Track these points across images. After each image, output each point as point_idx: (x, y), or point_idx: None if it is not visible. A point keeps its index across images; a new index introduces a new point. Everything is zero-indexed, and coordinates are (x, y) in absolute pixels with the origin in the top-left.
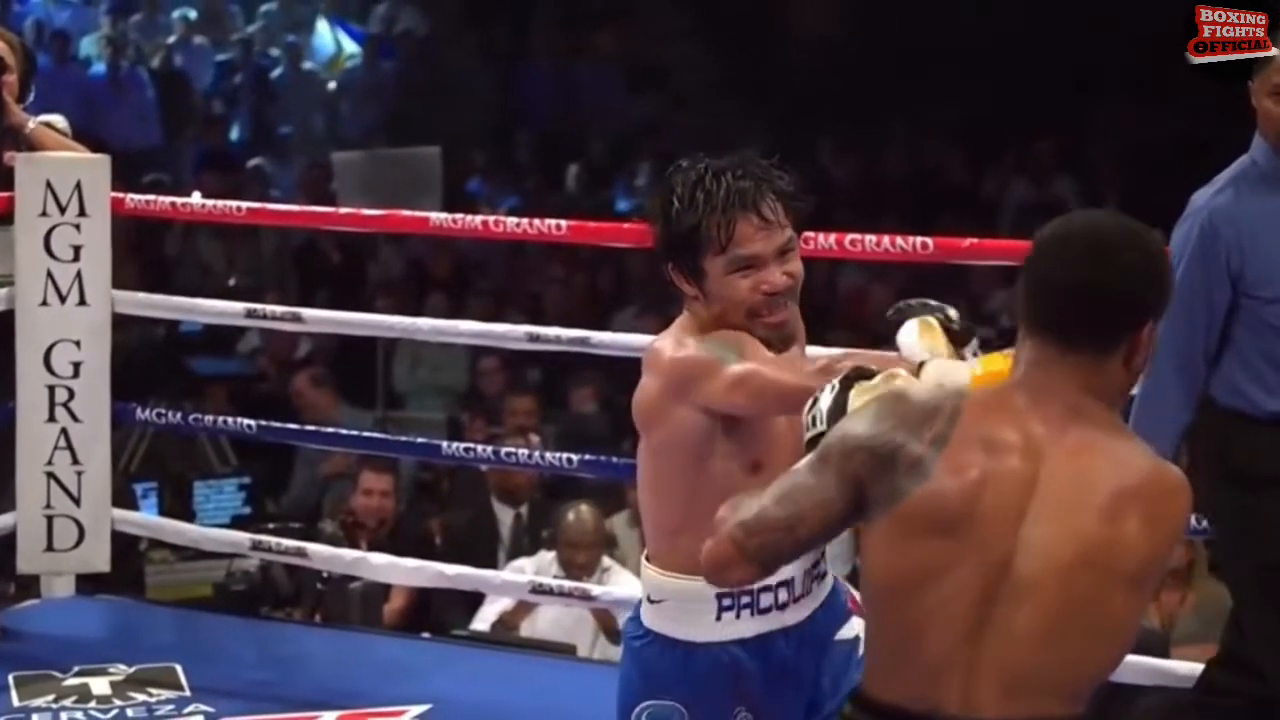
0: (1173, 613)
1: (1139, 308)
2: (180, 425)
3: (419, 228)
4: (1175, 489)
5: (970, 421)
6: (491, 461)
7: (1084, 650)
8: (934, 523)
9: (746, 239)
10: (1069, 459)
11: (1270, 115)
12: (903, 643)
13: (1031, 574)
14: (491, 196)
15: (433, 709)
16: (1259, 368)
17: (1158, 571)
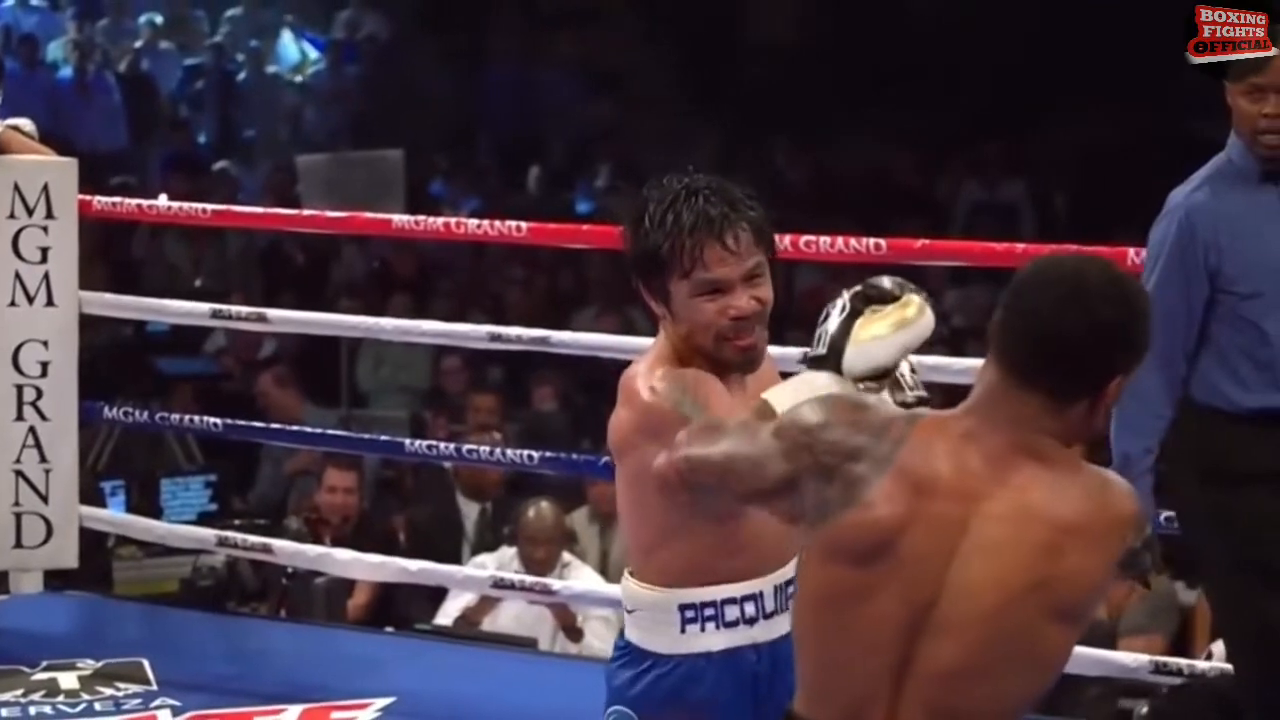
0: (1120, 605)
1: (1110, 366)
2: (147, 424)
3: (382, 229)
4: (1121, 521)
5: (916, 448)
6: (454, 459)
7: (1012, 683)
8: (858, 553)
9: (713, 263)
10: (1011, 495)
11: (1245, 114)
12: (828, 667)
13: (958, 615)
14: (453, 199)
15: (396, 702)
16: (1236, 364)
17: (1097, 602)
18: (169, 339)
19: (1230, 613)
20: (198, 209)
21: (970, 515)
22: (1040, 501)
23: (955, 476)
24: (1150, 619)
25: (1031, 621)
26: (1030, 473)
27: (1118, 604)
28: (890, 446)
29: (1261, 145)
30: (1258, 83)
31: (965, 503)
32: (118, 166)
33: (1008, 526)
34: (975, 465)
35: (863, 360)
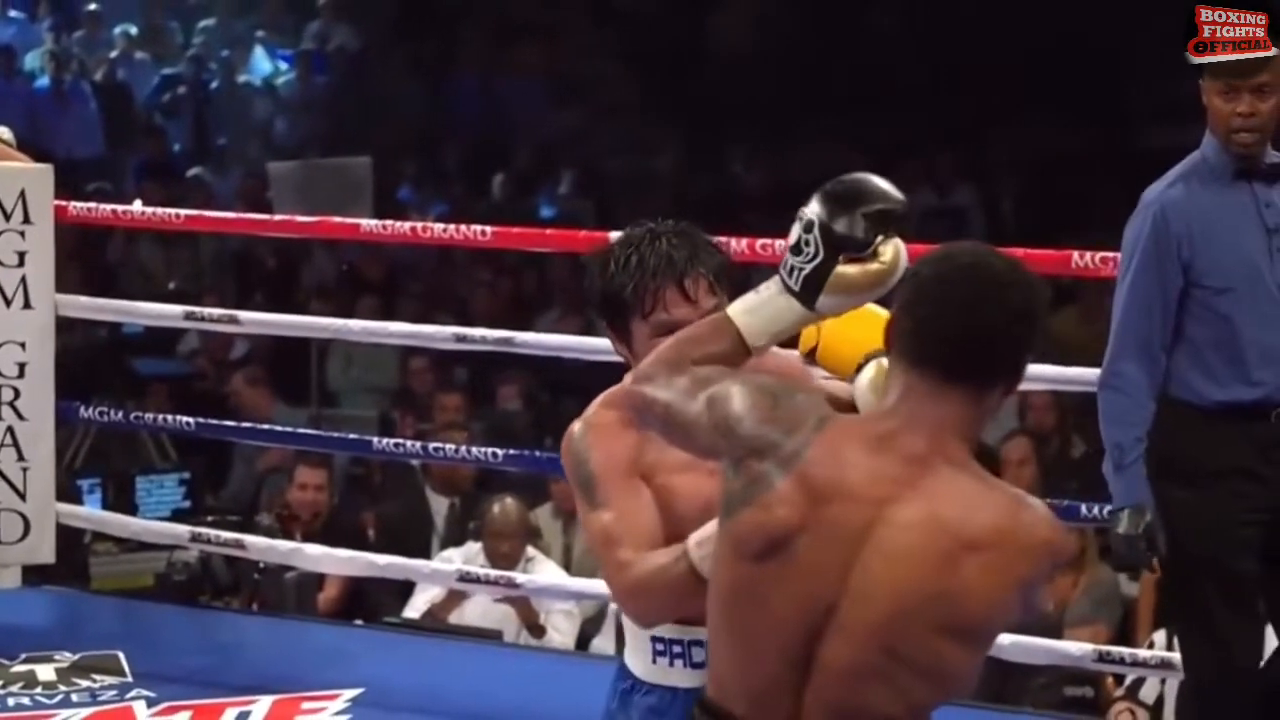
0: (1065, 596)
1: (1025, 346)
2: (122, 423)
3: (350, 234)
4: (1032, 547)
5: (822, 450)
6: (420, 456)
7: (910, 690)
8: (755, 551)
9: (672, 306)
10: (922, 502)
11: (1220, 113)
12: (735, 660)
13: (854, 619)
14: (421, 204)
15: (365, 693)
16: (1207, 358)
17: (997, 623)
18: (143, 340)
19: (1178, 606)
20: (171, 214)
21: (875, 520)
22: (950, 513)
23: (862, 480)
24: (1094, 610)
25: (926, 634)
26: (946, 482)
27: (1063, 596)
28: (796, 447)
29: (1235, 144)
30: (1232, 82)
31: (870, 507)
32: (94, 173)
33: (913, 534)
34: (887, 469)
35: (834, 308)
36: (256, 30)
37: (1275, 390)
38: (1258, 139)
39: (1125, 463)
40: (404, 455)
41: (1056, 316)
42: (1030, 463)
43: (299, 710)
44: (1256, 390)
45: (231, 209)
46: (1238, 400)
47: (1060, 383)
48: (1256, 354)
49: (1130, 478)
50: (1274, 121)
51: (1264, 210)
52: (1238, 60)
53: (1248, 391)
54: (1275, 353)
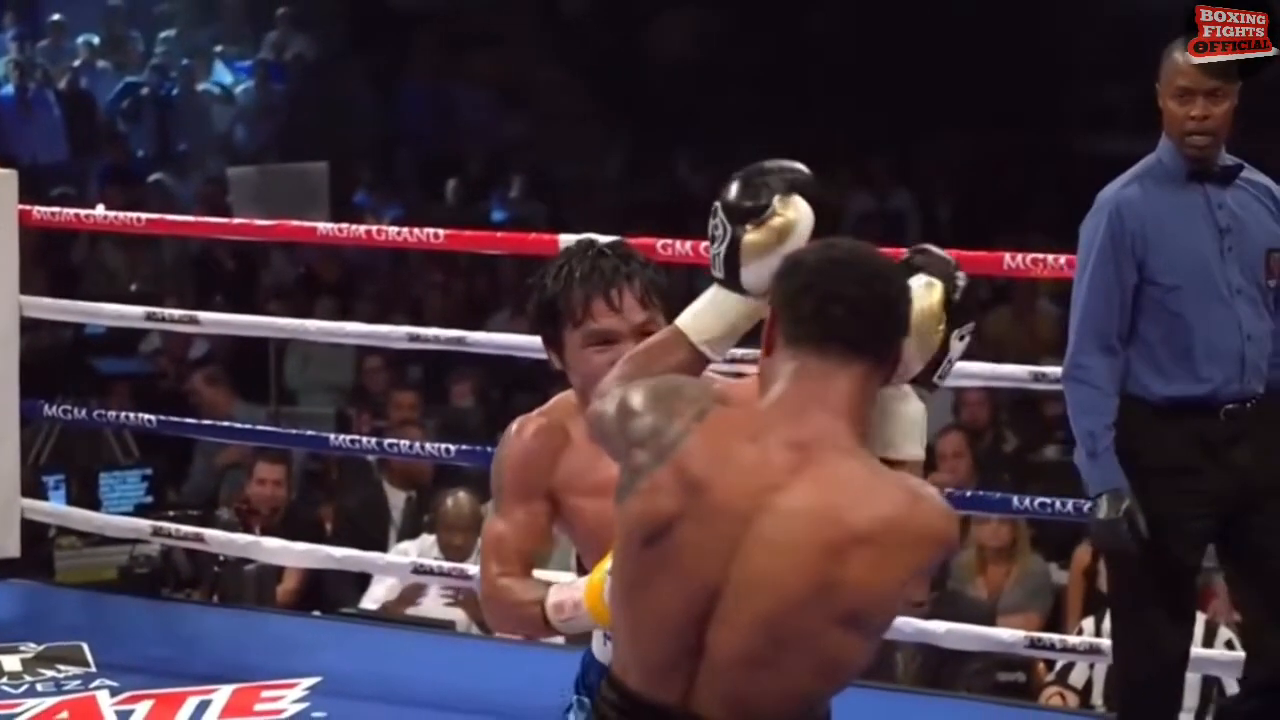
0: (998, 585)
1: (902, 330)
2: (86, 420)
3: (307, 237)
4: (924, 538)
5: (701, 440)
6: (376, 452)
7: (798, 679)
8: (639, 539)
9: (600, 314)
10: (807, 490)
11: (1174, 116)
12: (631, 640)
13: (738, 608)
14: (376, 208)
15: (323, 681)
16: (1157, 354)
17: (889, 612)
18: (106, 340)
19: (1115, 593)
20: (133, 218)
21: (758, 508)
22: (837, 503)
23: (743, 467)
24: (1026, 598)
25: (813, 623)
26: (832, 469)
27: (996, 585)
28: (675, 436)
29: (1189, 146)
30: (1186, 86)
31: (752, 494)
32: (58, 178)
33: (796, 523)
34: (770, 455)
35: (758, 279)
36: (216, 40)
37: (1222, 386)
38: (1211, 142)
39: (1098, 450)
40: (360, 451)
41: (990, 316)
42: (964, 456)
43: (258, 699)
44: (1203, 386)
45: (191, 213)
46: (1185, 395)
47: (993, 379)
48: (1204, 350)
49: (1105, 464)
50: (1227, 125)
51: (1216, 211)
52: (1193, 66)
53: (1195, 387)
54: (1222, 350)
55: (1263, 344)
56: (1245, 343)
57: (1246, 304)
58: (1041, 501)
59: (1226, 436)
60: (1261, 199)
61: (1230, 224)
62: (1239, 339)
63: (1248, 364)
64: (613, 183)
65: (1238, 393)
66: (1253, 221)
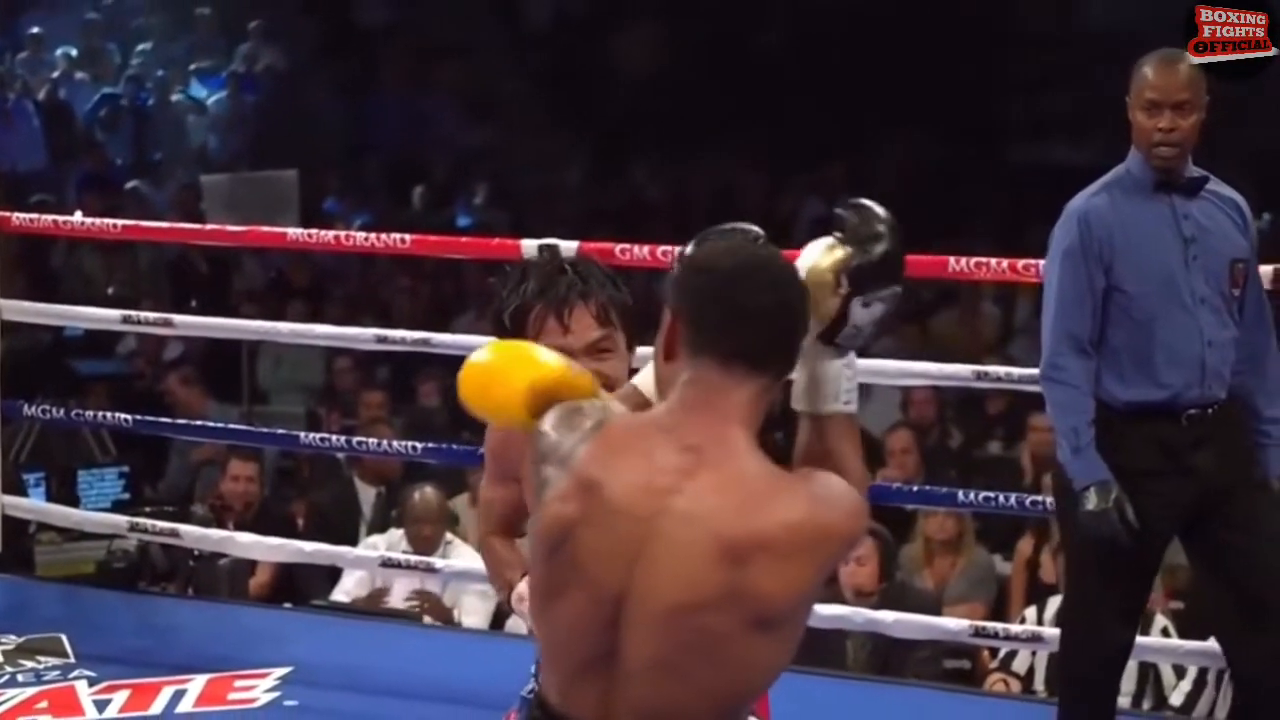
0: (945, 576)
1: (797, 332)
2: (65, 420)
3: (277, 242)
4: (828, 535)
5: (598, 448)
6: (345, 450)
7: (710, 684)
8: (546, 550)
9: (550, 332)
10: (701, 498)
11: (1142, 128)
12: (550, 652)
13: (643, 614)
14: (344, 214)
15: (294, 671)
16: (1121, 360)
17: (801, 611)
18: (84, 342)
19: (1071, 589)
20: (110, 224)
21: (657, 513)
22: (734, 506)
23: (637, 471)
24: (971, 588)
25: (721, 627)
26: (728, 473)
27: (942, 576)
28: (573, 447)
29: (1156, 158)
30: (1154, 99)
31: (650, 500)
32: (37, 185)
33: (695, 528)
34: (666, 461)
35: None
36: (190, 52)
37: (1183, 391)
38: (1177, 153)
39: (1081, 445)
40: (330, 449)
41: (936, 318)
42: (912, 452)
43: (231, 688)
44: (1164, 391)
45: (167, 219)
46: (1146, 400)
47: (939, 378)
48: (1165, 357)
49: (1089, 458)
50: (1193, 137)
51: (1182, 221)
52: (1159, 79)
53: (1155, 392)
54: (1184, 356)
55: (1225, 351)
56: (1206, 349)
57: (1209, 312)
58: (986, 495)
59: (1189, 441)
60: (1227, 210)
61: (1195, 234)
62: (1200, 346)
63: (1209, 370)
64: (573, 190)
65: (1199, 398)
66: (1218, 232)
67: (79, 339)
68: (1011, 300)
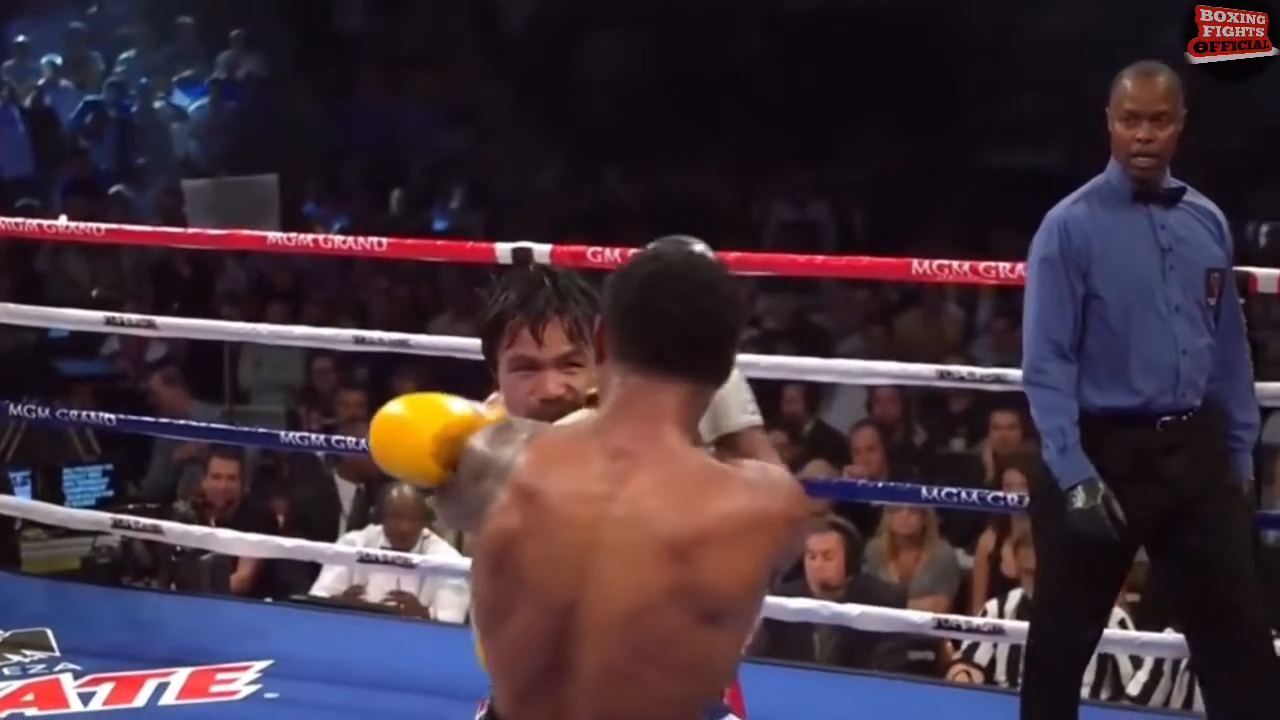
0: (909, 570)
1: (730, 336)
2: (50, 419)
3: (258, 245)
4: (762, 525)
5: (534, 458)
6: (324, 448)
7: (668, 686)
8: (491, 565)
9: (523, 342)
10: (643, 499)
11: (1121, 139)
12: (500, 670)
13: (596, 622)
14: (323, 218)
15: (274, 664)
16: (1097, 367)
17: (752, 603)
18: (69, 344)
19: (1042, 587)
20: (94, 228)
21: (599, 518)
22: (672, 503)
23: (578, 483)
24: (934, 581)
25: (673, 626)
26: (663, 472)
27: (907, 570)
28: (508, 460)
29: (1134, 168)
30: (1132, 110)
31: (590, 506)
32: (23, 191)
33: (638, 530)
34: (603, 469)
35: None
36: (172, 60)
37: (1155, 398)
38: (1155, 164)
39: (1068, 444)
40: (309, 447)
41: (901, 319)
42: (877, 449)
43: (213, 681)
44: (1136, 398)
45: (150, 223)
46: (1120, 406)
47: (904, 378)
48: (1140, 364)
49: (1075, 457)
50: (1171, 148)
51: (1159, 231)
52: (1138, 92)
53: (1129, 398)
54: (1158, 363)
55: (1199, 359)
56: (1180, 357)
57: (1185, 321)
58: (948, 491)
59: (1162, 447)
60: (1203, 221)
61: (1172, 244)
62: (1174, 354)
63: (1182, 378)
64: (547, 194)
65: (1172, 405)
66: (1194, 242)
67: (64, 340)
68: (974, 302)
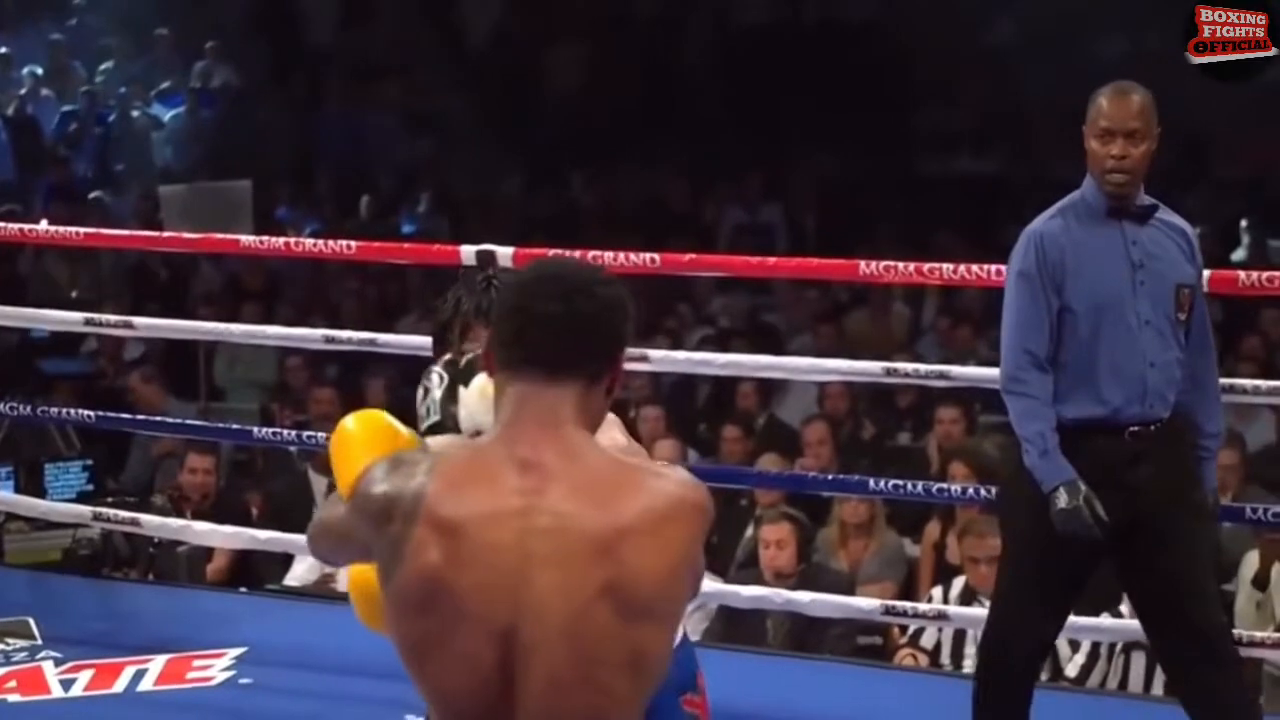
0: (858, 557)
1: (620, 337)
2: (31, 416)
3: (232, 248)
4: (678, 515)
5: (442, 487)
6: (296, 444)
7: (614, 687)
8: (419, 606)
9: (478, 338)
10: (558, 505)
11: (1096, 155)
12: (438, 699)
13: (538, 634)
14: (295, 222)
15: (248, 651)
16: (1068, 377)
17: (679, 593)
18: (50, 343)
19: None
20: (74, 232)
21: (523, 534)
22: (590, 505)
23: (494, 503)
24: (882, 569)
25: (610, 626)
26: (574, 477)
27: (856, 558)
28: (416, 492)
29: (1108, 184)
30: (1107, 127)
31: (512, 523)
32: (5, 196)
33: (561, 538)
34: (516, 483)
35: (471, 422)
36: (149, 71)
37: (1124, 408)
38: (1129, 180)
39: (1048, 448)
40: (282, 443)
41: (849, 318)
42: (827, 443)
43: (190, 668)
44: (1104, 408)
45: (128, 227)
46: (1088, 416)
47: (852, 374)
48: (1109, 374)
49: (1055, 460)
50: (1144, 166)
51: (1130, 247)
52: (1112, 109)
53: (1097, 408)
54: (1126, 374)
55: (1168, 371)
56: (1149, 370)
57: (1154, 334)
58: (895, 483)
59: (1129, 456)
60: (1174, 238)
61: (1144, 259)
62: (1143, 365)
63: (1150, 389)
64: (510, 199)
65: (1139, 415)
66: (1165, 258)
67: (45, 340)
68: (919, 301)
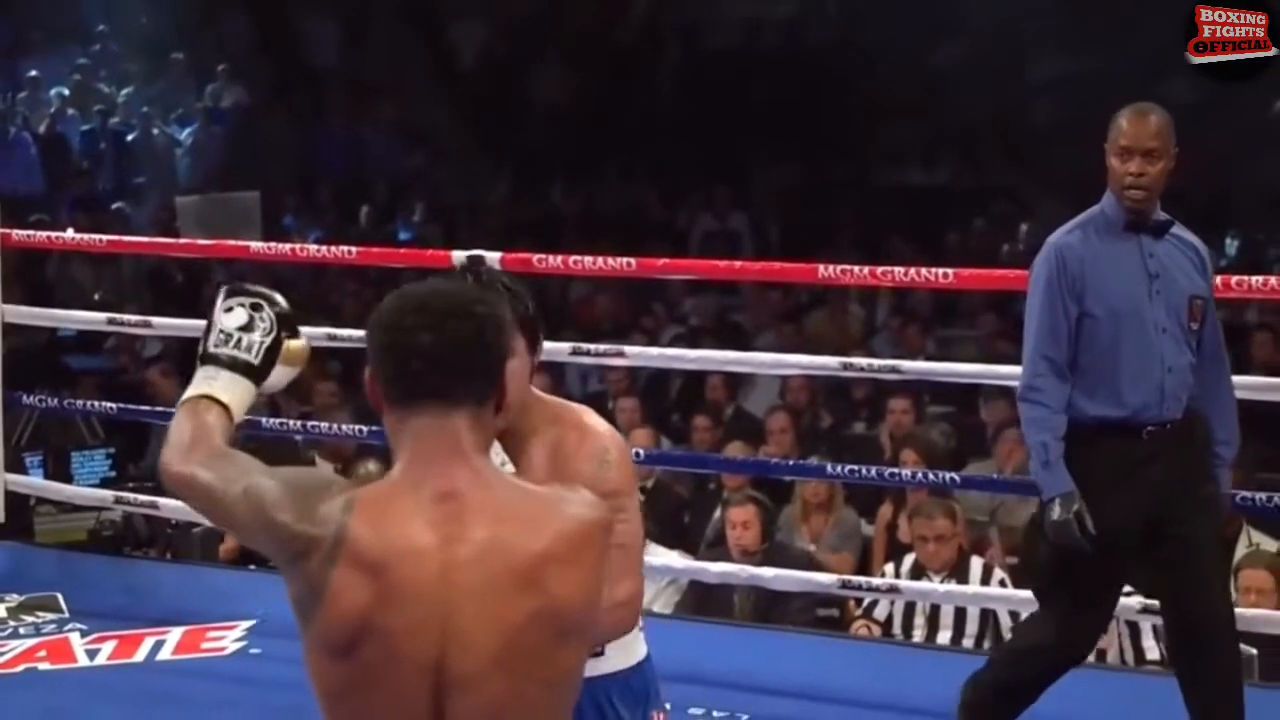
0: (819, 532)
1: (502, 353)
2: (59, 408)
3: (242, 254)
4: (588, 533)
5: (361, 525)
6: (301, 434)
7: (546, 706)
8: (341, 648)
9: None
10: (484, 535)
11: (1115, 172)
12: None
13: (468, 666)
14: (300, 229)
15: (259, 623)
16: (1088, 379)
17: (592, 614)
18: (75, 342)
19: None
20: (97, 239)
21: (446, 567)
22: (509, 533)
23: (411, 535)
24: (840, 541)
25: (539, 651)
26: (489, 506)
27: (818, 532)
28: (335, 534)
29: (1127, 199)
30: (1127, 146)
31: (435, 557)
32: (35, 207)
33: (484, 567)
34: (429, 515)
35: (277, 382)
36: (166, 91)
37: (1142, 409)
38: (1146, 196)
39: (1051, 460)
40: (288, 433)
41: (809, 317)
42: (788, 431)
43: (204, 638)
44: (1124, 409)
45: (146, 235)
46: (1108, 416)
47: (812, 368)
48: (1128, 377)
49: (1056, 472)
50: (1161, 183)
51: (1148, 259)
52: (1131, 128)
53: (1117, 409)
54: (1144, 377)
55: (1182, 375)
56: (1166, 374)
57: (1170, 341)
58: (851, 468)
59: (1146, 455)
60: (1187, 253)
61: (1159, 271)
62: (1161, 370)
63: (1166, 392)
64: (498, 207)
65: (1156, 416)
66: (1179, 271)
67: (71, 338)
68: (873, 302)
